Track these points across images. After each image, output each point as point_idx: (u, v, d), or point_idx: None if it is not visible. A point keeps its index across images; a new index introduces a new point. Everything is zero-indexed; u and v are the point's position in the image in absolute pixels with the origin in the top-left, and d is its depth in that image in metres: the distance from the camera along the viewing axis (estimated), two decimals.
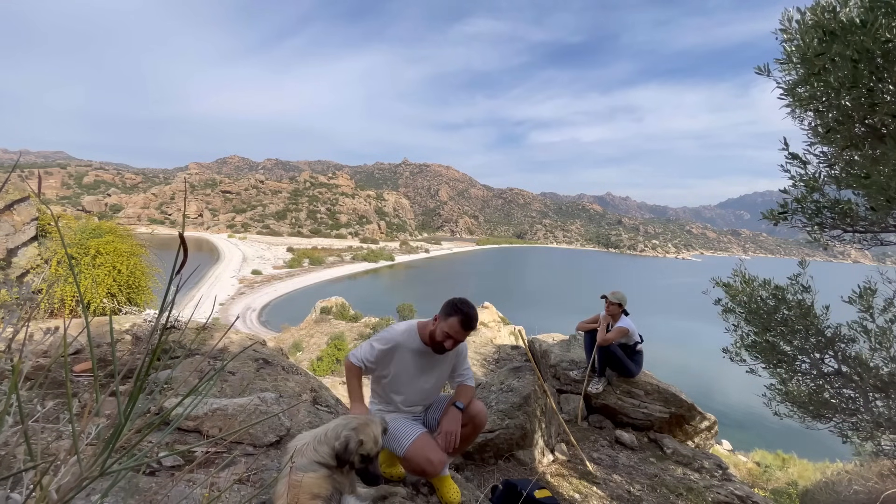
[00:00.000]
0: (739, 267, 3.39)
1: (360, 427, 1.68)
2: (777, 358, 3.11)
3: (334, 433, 1.64)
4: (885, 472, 3.81)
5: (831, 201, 2.51)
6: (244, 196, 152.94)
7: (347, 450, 1.59)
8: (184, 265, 0.72)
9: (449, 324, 2.11)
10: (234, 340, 4.49)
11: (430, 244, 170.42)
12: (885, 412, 2.71)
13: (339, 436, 1.62)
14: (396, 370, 2.27)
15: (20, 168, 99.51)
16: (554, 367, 5.19)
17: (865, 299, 2.69)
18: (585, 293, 57.85)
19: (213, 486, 1.76)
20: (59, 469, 0.70)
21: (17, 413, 0.76)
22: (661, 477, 3.69)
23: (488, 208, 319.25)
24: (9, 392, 0.64)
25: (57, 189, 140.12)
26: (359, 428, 1.67)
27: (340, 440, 1.60)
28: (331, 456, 1.58)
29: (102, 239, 5.40)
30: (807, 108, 2.48)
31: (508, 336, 23.50)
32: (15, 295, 4.27)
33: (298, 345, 30.03)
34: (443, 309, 2.17)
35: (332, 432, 1.64)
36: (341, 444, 1.59)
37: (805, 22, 2.30)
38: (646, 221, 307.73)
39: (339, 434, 1.63)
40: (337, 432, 1.64)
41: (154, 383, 2.41)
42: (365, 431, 1.68)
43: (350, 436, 1.62)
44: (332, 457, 1.58)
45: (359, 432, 1.65)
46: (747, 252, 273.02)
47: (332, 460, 1.58)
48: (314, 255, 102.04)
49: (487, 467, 3.24)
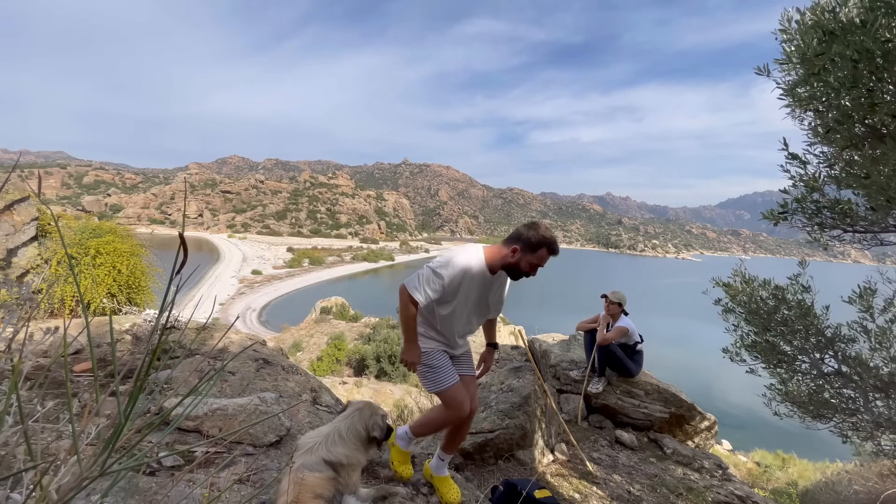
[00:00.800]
0: (739, 267, 3.38)
1: (375, 408, 1.91)
2: (777, 358, 3.11)
3: (353, 430, 1.78)
4: (885, 472, 3.81)
5: (831, 201, 2.51)
6: (244, 196, 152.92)
7: (383, 430, 1.85)
8: (184, 265, 0.72)
9: (538, 256, 2.02)
10: (234, 340, 4.49)
11: (430, 244, 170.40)
12: (885, 412, 2.71)
13: (366, 428, 1.81)
14: (459, 301, 2.10)
15: (20, 168, 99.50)
16: (554, 367, 5.18)
17: (865, 299, 2.69)
18: (585, 293, 57.83)
19: (213, 486, 1.76)
20: (59, 469, 0.70)
21: (17, 413, 0.76)
22: (661, 477, 3.69)
23: (488, 208, 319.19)
24: (9, 392, 0.64)
25: (57, 189, 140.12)
26: (375, 408, 1.90)
27: (377, 430, 1.82)
28: (360, 445, 1.76)
29: (102, 239, 5.40)
30: (807, 108, 2.48)
31: (508, 336, 23.50)
32: (15, 295, 4.27)
33: (298, 345, 30.01)
34: (520, 239, 2.03)
35: (346, 432, 1.76)
36: (381, 430, 1.83)
37: (804, 22, 2.30)
38: (646, 221, 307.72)
39: (365, 426, 1.81)
40: (356, 428, 1.78)
41: (154, 383, 2.41)
42: (375, 408, 1.91)
43: (376, 420, 1.84)
44: (357, 443, 1.75)
45: (378, 411, 1.88)
46: (747, 252, 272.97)
47: (361, 448, 1.76)
48: (314, 255, 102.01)
49: (487, 467, 3.24)
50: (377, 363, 24.81)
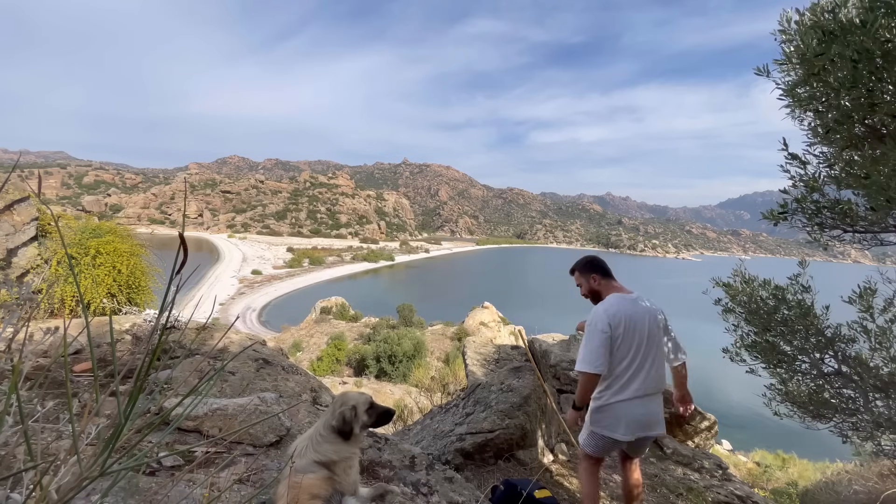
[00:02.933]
0: (739, 267, 3.38)
1: (347, 398, 1.82)
2: (777, 358, 3.11)
3: (328, 427, 1.72)
4: (885, 472, 3.81)
5: (831, 201, 2.51)
6: (244, 196, 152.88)
7: (346, 421, 1.72)
8: (184, 265, 0.72)
9: None
10: (234, 340, 4.49)
11: (430, 244, 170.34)
12: (885, 412, 2.71)
13: (331, 421, 1.73)
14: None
15: (20, 168, 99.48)
16: (554, 367, 5.18)
17: (865, 299, 2.69)
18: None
19: (213, 486, 1.76)
20: (59, 469, 0.70)
21: (17, 413, 0.76)
22: (661, 477, 3.69)
23: (488, 208, 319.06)
24: (9, 392, 0.64)
25: (57, 189, 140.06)
26: (346, 399, 1.81)
27: (336, 419, 1.72)
28: (334, 438, 1.69)
29: (102, 239, 5.40)
30: (806, 108, 2.48)
31: (508, 336, 23.50)
32: (15, 295, 4.27)
33: (298, 345, 30.01)
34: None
35: (325, 429, 1.71)
36: (338, 420, 1.71)
37: (804, 22, 2.30)
38: (646, 221, 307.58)
39: (331, 421, 1.73)
40: (330, 423, 1.72)
41: (154, 383, 2.41)
42: (347, 397, 1.81)
43: (342, 411, 1.75)
44: (335, 437, 1.69)
45: (345, 402, 1.78)
46: (747, 252, 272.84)
47: (338, 440, 1.69)
48: (314, 255, 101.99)
49: (487, 467, 3.24)
50: (377, 363, 24.81)
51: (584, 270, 2.52)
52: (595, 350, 2.20)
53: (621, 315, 2.24)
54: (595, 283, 2.47)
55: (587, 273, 2.50)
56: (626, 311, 2.26)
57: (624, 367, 2.24)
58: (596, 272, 2.49)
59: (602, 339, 2.19)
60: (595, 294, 2.47)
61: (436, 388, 8.54)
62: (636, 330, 2.24)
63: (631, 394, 2.23)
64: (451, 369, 14.05)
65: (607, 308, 2.28)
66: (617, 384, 2.26)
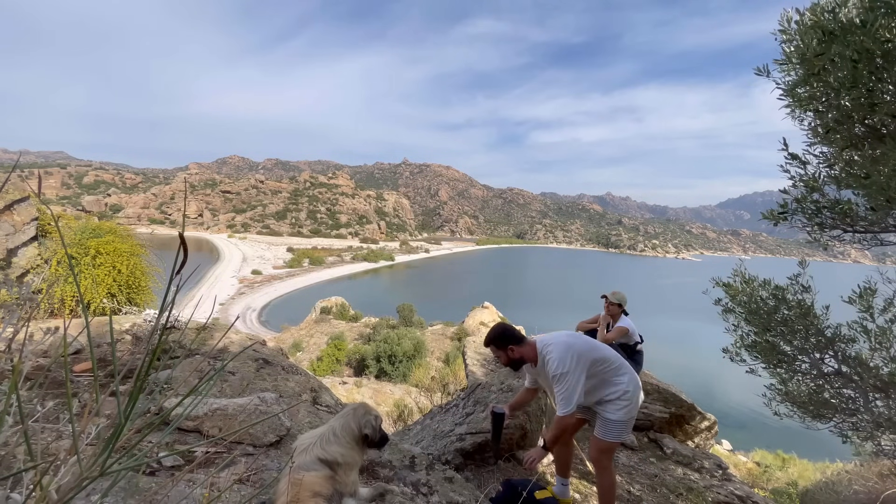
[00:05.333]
0: (739, 267, 3.38)
1: (370, 408, 1.90)
2: (777, 358, 3.11)
3: (347, 429, 1.76)
4: (885, 472, 3.81)
5: (831, 201, 2.51)
6: (244, 196, 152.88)
7: (375, 430, 1.83)
8: (184, 265, 0.72)
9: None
10: (234, 340, 4.49)
11: (430, 244, 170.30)
12: (885, 412, 2.71)
13: (358, 427, 1.79)
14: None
15: (20, 168, 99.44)
16: None
17: (865, 299, 2.69)
18: (585, 293, 57.79)
19: (213, 486, 1.76)
20: (59, 469, 0.70)
21: (17, 413, 0.76)
22: (661, 477, 3.69)
23: (488, 208, 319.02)
24: (9, 392, 0.64)
25: (57, 189, 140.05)
26: (370, 409, 1.88)
27: (368, 428, 1.80)
28: (355, 444, 1.75)
29: (102, 239, 5.40)
30: (806, 108, 2.48)
31: None
32: (15, 295, 4.27)
33: (298, 345, 30.00)
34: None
35: (341, 430, 1.74)
36: (373, 429, 1.80)
37: (804, 23, 2.30)
38: (646, 221, 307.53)
39: (358, 425, 1.79)
40: (350, 427, 1.77)
41: (154, 383, 2.41)
42: (370, 408, 1.89)
43: (369, 420, 1.83)
44: (352, 441, 1.74)
45: (369, 412, 1.86)
46: (747, 252, 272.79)
47: (356, 447, 1.76)
48: (314, 255, 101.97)
49: (487, 467, 3.24)
50: (377, 363, 24.79)
51: (499, 344, 2.58)
52: (574, 388, 2.42)
53: (573, 349, 2.49)
54: (514, 353, 2.55)
55: (503, 346, 2.57)
56: (567, 343, 2.55)
57: (609, 363, 2.55)
58: (511, 343, 2.55)
59: (579, 375, 2.43)
60: (516, 361, 2.57)
61: (436, 388, 8.54)
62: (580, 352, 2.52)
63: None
64: (451, 369, 14.04)
65: (566, 348, 2.49)
66: (619, 371, 2.57)
